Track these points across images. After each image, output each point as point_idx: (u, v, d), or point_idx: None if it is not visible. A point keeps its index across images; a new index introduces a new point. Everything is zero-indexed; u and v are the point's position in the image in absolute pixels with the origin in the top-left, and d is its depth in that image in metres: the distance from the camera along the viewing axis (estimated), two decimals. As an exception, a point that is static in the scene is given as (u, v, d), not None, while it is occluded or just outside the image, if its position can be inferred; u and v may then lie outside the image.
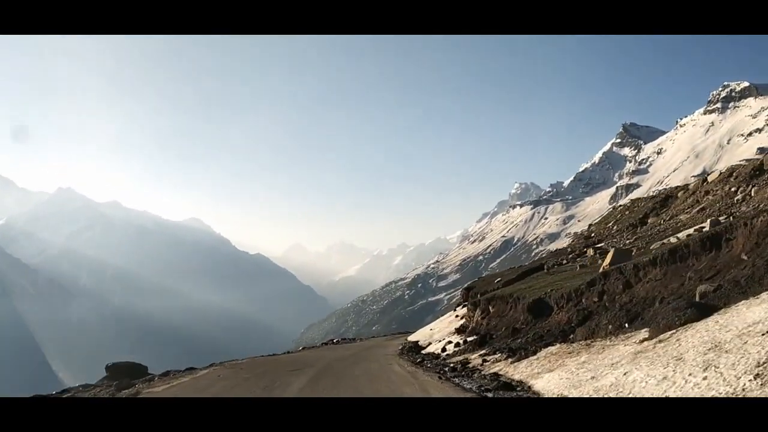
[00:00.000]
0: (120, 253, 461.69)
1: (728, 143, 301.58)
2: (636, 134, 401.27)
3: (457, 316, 32.81)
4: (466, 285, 43.29)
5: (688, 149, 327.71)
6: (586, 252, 34.52)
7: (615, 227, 45.26)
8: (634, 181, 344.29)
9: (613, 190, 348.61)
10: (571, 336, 13.26)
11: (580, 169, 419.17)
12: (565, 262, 33.92)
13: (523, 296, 19.16)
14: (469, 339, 20.87)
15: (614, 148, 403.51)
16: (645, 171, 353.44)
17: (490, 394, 10.20)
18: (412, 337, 33.76)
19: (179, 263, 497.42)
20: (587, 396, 7.81)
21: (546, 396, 9.11)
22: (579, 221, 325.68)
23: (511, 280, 31.71)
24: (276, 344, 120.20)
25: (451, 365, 15.65)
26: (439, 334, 29.54)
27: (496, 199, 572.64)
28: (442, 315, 45.27)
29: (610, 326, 12.18)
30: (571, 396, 8.27)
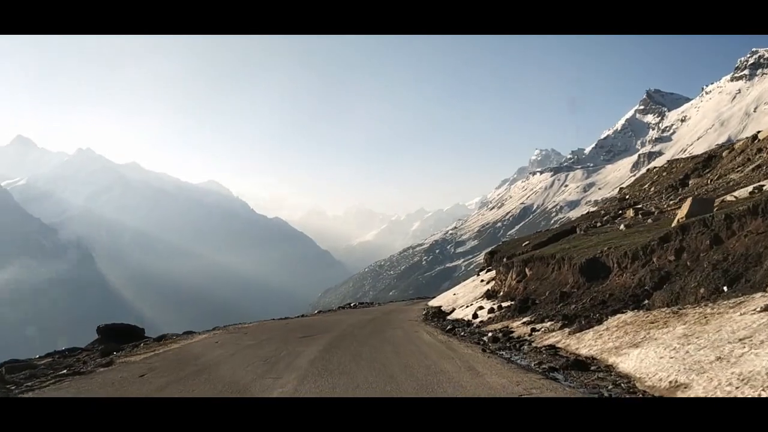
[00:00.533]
0: (139, 215, 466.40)
1: (755, 111, 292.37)
2: (660, 101, 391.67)
3: (482, 280, 30.57)
4: (489, 249, 40.96)
5: (714, 117, 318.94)
6: (623, 213, 32.00)
7: (652, 189, 42.32)
8: (656, 149, 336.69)
9: (635, 157, 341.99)
10: (647, 302, 10.72)
11: (602, 136, 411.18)
12: (599, 224, 31.34)
13: (570, 256, 16.54)
14: (504, 304, 18.47)
15: (637, 115, 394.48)
16: (668, 139, 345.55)
17: (559, 375, 7.67)
18: (433, 302, 31.89)
19: (197, 226, 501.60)
20: (736, 393, 5.18)
21: (647, 382, 6.56)
22: (600, 189, 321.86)
23: (542, 243, 29.52)
24: (293, 308, 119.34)
25: (490, 334, 13.22)
26: (464, 299, 27.46)
27: (516, 166, 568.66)
28: (461, 281, 43.16)
29: (701, 290, 9.61)
30: (696, 387, 5.70)
